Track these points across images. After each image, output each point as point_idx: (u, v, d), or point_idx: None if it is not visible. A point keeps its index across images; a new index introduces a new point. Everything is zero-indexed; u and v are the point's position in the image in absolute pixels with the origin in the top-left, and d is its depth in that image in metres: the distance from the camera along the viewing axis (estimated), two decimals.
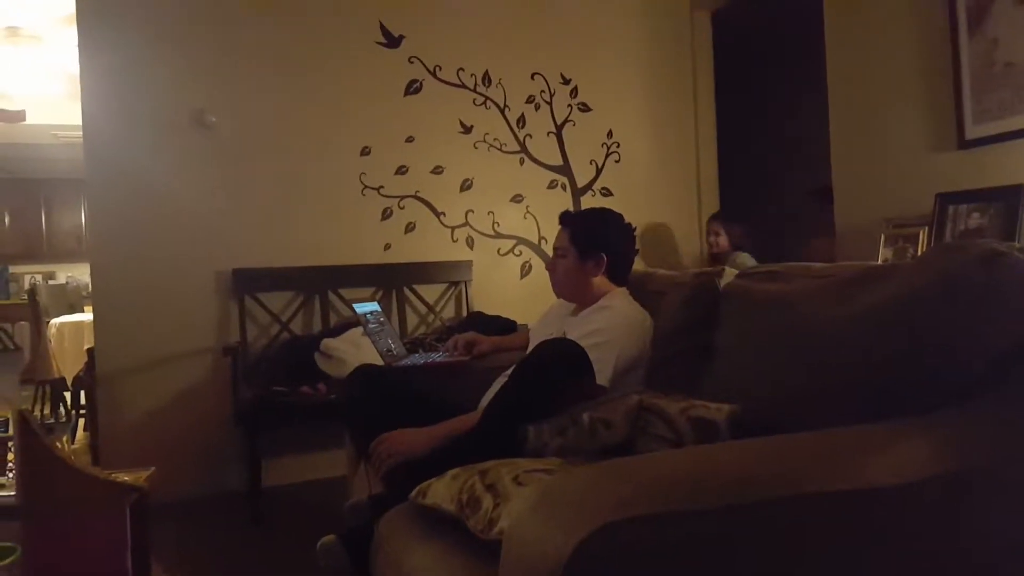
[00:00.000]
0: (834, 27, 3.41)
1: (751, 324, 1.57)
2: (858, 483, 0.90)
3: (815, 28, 3.50)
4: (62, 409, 4.90)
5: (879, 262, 2.82)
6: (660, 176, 4.28)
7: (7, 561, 0.85)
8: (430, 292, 3.81)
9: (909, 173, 3.02)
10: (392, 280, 3.72)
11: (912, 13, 3.00)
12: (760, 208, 4.92)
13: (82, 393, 4.41)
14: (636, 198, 4.11)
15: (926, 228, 2.78)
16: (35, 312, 5.08)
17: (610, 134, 4.21)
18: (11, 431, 1.44)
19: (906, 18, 3.03)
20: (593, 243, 2.15)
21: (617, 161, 4.23)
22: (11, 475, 1.25)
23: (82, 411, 4.29)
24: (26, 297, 7.56)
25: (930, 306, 1.17)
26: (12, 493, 1.04)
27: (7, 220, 8.64)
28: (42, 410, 4.68)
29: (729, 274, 1.80)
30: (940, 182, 2.82)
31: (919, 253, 2.75)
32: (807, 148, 4.27)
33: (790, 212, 4.83)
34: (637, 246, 2.30)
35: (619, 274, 2.20)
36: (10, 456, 1.31)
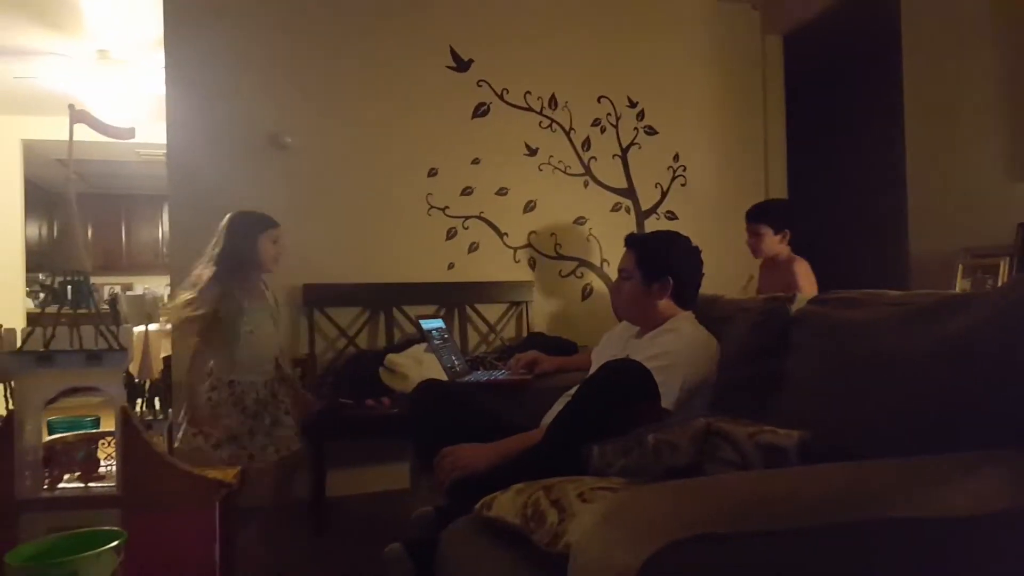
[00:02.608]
0: (912, 52, 3.33)
1: (824, 351, 1.54)
2: (934, 511, 0.89)
3: (892, 52, 3.44)
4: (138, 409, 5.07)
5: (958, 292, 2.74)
6: (727, 201, 4.23)
7: (118, 543, 0.91)
8: (491, 311, 3.85)
9: (990, 202, 2.92)
10: (454, 299, 3.78)
11: (994, 37, 2.92)
12: (830, 234, 4.83)
13: (157, 399, 4.60)
14: (702, 222, 4.07)
15: (1007, 259, 2.69)
16: (116, 321, 5.32)
17: (676, 157, 4.20)
18: (102, 428, 1.53)
19: (987, 43, 2.95)
20: (659, 266, 2.15)
21: (683, 184, 4.21)
22: (105, 468, 1.33)
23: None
24: (107, 307, 7.91)
25: (1011, 337, 1.14)
26: (112, 484, 1.11)
27: (90, 233, 9.05)
28: (141, 409, 4.87)
29: (801, 299, 1.78)
30: (1022, 211, 2.73)
31: (999, 284, 2.67)
32: (881, 175, 4.19)
33: (863, 240, 4.73)
34: (703, 270, 2.29)
35: (685, 298, 2.18)
36: (102, 451, 1.39)
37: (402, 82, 3.72)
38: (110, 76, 5.06)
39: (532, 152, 3.93)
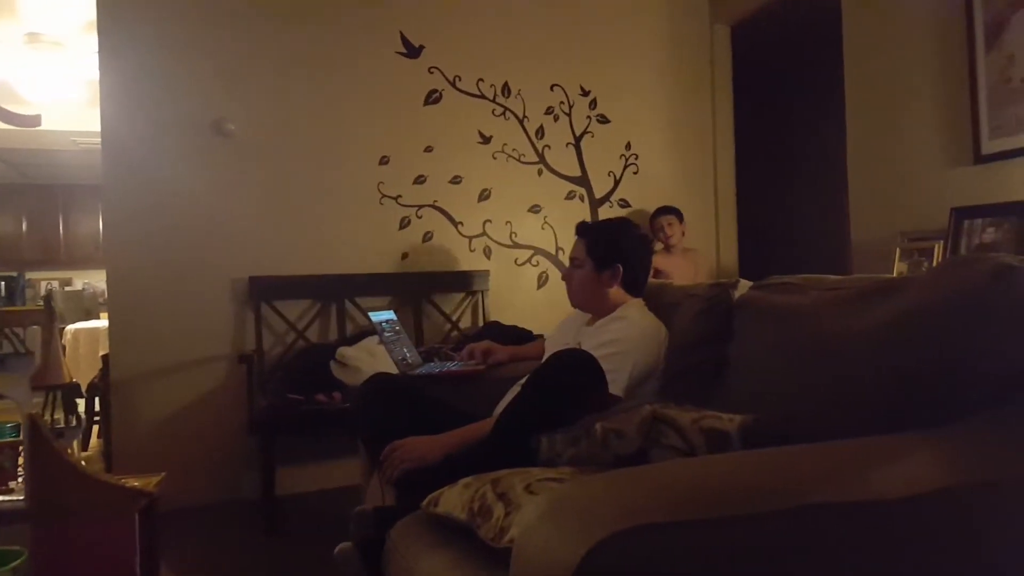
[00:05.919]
0: (852, 42, 3.41)
1: (765, 336, 1.56)
2: (865, 495, 0.90)
3: (834, 43, 3.50)
4: (71, 415, 4.88)
5: (894, 276, 2.80)
6: (678, 188, 4.27)
7: (14, 564, 0.85)
8: (447, 302, 3.81)
9: (925, 187, 3.01)
10: (409, 289, 3.73)
11: (930, 28, 3.00)
12: (775, 220, 4.90)
13: (96, 400, 4.41)
14: (653, 210, 4.10)
15: (941, 242, 2.77)
16: (49, 318, 5.09)
17: (628, 146, 4.21)
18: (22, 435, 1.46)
19: (924, 33, 3.02)
20: (609, 254, 2.15)
21: (635, 173, 4.23)
22: (21, 480, 1.26)
23: (96, 418, 4.30)
24: (42, 303, 7.63)
25: (941, 320, 1.16)
26: (21, 497, 1.05)
27: (24, 226, 8.69)
28: (52, 415, 4.69)
29: (743, 286, 1.79)
30: (956, 196, 2.81)
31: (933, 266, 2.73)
32: (824, 162, 4.26)
33: (807, 226, 4.80)
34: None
35: (635, 285, 2.19)
36: (22, 460, 1.32)
37: (351, 67, 3.64)
38: (42, 60, 4.85)
39: (486, 140, 3.90)
